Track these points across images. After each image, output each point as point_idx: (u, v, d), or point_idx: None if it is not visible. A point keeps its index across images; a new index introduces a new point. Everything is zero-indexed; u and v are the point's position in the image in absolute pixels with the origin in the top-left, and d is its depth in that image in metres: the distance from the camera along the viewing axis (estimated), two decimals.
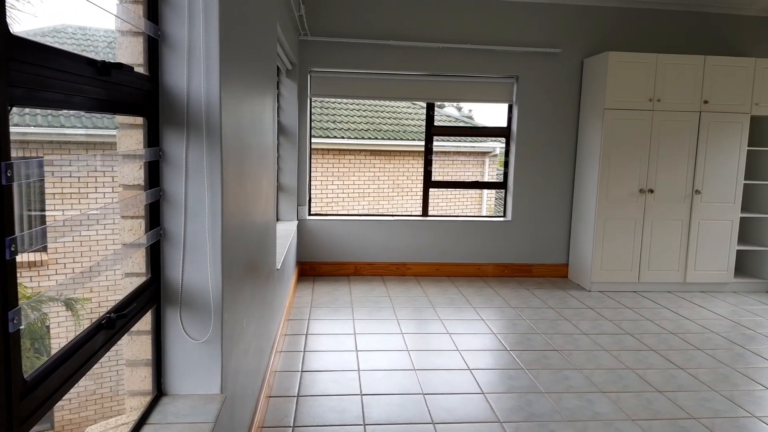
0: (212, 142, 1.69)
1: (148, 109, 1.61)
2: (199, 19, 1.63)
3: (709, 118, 5.05)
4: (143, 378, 1.75)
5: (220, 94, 1.69)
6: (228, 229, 1.84)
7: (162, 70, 1.64)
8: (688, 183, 5.11)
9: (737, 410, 2.96)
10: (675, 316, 4.54)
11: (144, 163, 1.63)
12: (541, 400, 3.01)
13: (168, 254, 1.72)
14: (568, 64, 5.41)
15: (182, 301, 1.74)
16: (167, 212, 1.70)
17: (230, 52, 1.84)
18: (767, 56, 5.53)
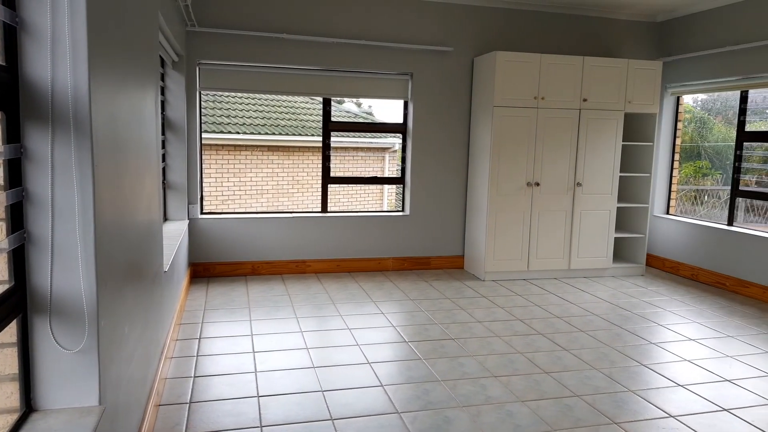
0: (81, 138, 1.57)
1: (5, 103, 1.46)
2: (63, 5, 1.50)
3: (588, 115, 5.41)
4: (9, 394, 1.60)
5: (90, 86, 1.57)
6: (103, 231, 1.72)
7: (21, 60, 1.50)
8: (570, 176, 5.45)
9: (615, 386, 3.20)
10: (561, 301, 4.83)
11: (3, 160, 1.48)
12: (438, 389, 3.09)
13: (34, 259, 1.58)
14: (459, 62, 5.59)
15: (52, 309, 1.60)
16: (32, 214, 1.56)
17: (101, 42, 1.72)
18: (638, 57, 6.01)
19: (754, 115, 5.56)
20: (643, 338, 3.97)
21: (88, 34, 1.55)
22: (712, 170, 6.41)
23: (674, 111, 6.09)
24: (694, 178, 6.72)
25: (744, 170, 5.44)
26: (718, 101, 6.32)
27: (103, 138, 1.75)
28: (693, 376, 3.35)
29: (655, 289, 5.26)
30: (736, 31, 5.18)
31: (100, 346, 1.67)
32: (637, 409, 2.93)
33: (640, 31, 6.04)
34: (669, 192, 6.19)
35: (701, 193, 6.73)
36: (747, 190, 5.40)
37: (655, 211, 6.16)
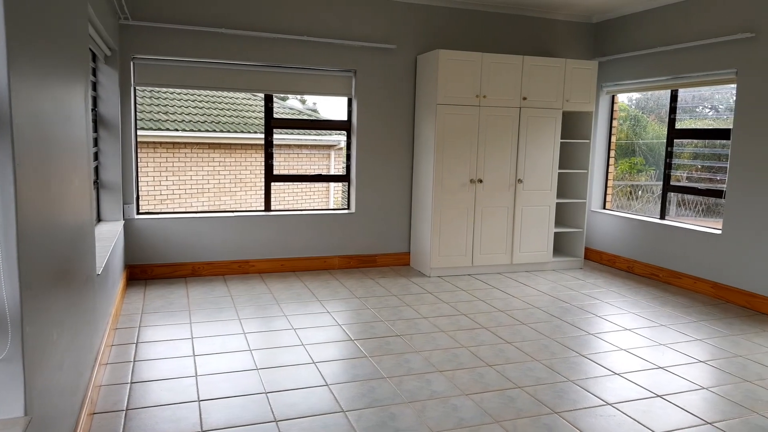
0: (1, 137, 1.48)
1: None
2: None
3: (528, 113, 5.53)
4: None
5: (9, 80, 1.47)
6: (26, 233, 1.62)
7: None
8: (512, 173, 5.56)
9: (556, 376, 3.28)
10: (504, 295, 4.92)
11: None
12: (384, 386, 3.09)
13: None
14: (403, 60, 5.61)
15: None
16: None
17: (21, 33, 1.62)
18: (576, 57, 6.19)
19: (684, 113, 5.82)
20: (582, 329, 4.09)
21: (5, 25, 1.45)
22: (646, 166, 6.66)
23: (609, 109, 6.31)
24: (629, 174, 6.97)
25: (675, 166, 5.69)
26: (651, 100, 6.58)
27: (26, 136, 1.65)
28: (629, 365, 3.48)
29: (593, 282, 5.44)
30: (666, 33, 5.41)
31: (25, 354, 1.58)
32: (577, 398, 3.01)
33: (577, 31, 6.22)
34: (605, 188, 6.41)
35: (636, 189, 6.98)
36: (678, 185, 5.65)
37: (592, 206, 6.38)
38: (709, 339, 3.95)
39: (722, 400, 3.03)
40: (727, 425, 2.76)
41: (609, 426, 2.74)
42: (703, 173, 5.63)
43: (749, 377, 3.32)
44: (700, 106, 5.84)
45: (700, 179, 5.62)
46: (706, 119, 5.74)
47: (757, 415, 2.86)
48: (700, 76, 5.15)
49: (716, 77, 5.00)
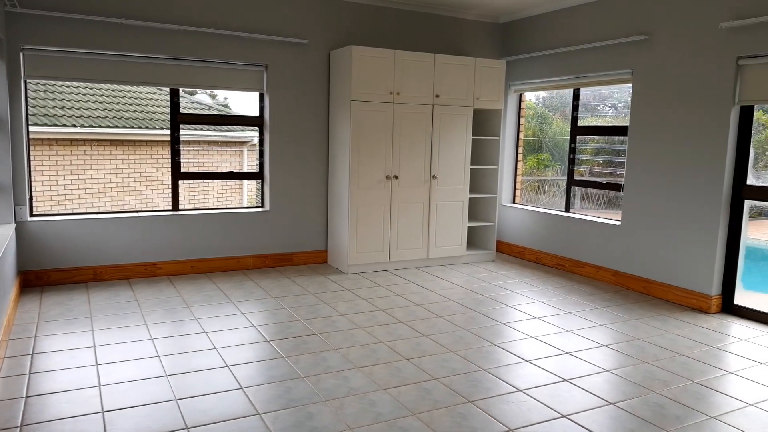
0: None
1: None
2: None
3: (440, 110, 5.63)
4: None
5: None
6: None
7: None
8: (426, 169, 5.64)
9: (470, 366, 3.35)
10: (420, 289, 4.98)
11: None
12: (300, 385, 3.04)
13: None
14: (316, 55, 5.54)
15: None
16: None
17: None
18: (485, 56, 6.37)
19: (586, 111, 6.13)
20: (495, 319, 4.22)
21: None
22: (552, 162, 6.95)
23: (517, 107, 6.55)
24: (537, 169, 7.26)
25: (578, 162, 5.98)
26: (556, 98, 6.88)
27: None
28: (538, 352, 3.61)
29: (504, 273, 5.63)
30: (569, 34, 5.67)
31: None
32: (490, 386, 3.09)
33: (485, 31, 6.40)
34: (515, 183, 6.65)
35: (543, 183, 7.28)
36: (581, 179, 5.95)
37: (503, 201, 6.60)
38: (610, 324, 4.18)
39: (623, 381, 3.21)
40: (627, 404, 2.93)
41: (520, 411, 2.83)
42: (604, 168, 5.96)
43: (647, 358, 3.55)
44: (601, 105, 6.18)
45: (601, 174, 5.95)
46: (606, 117, 6.08)
47: (655, 394, 3.05)
48: (599, 75, 5.44)
49: (614, 77, 5.30)
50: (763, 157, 4.99)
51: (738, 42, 4.24)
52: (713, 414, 2.84)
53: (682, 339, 3.90)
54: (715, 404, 2.95)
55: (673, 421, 2.76)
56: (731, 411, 2.88)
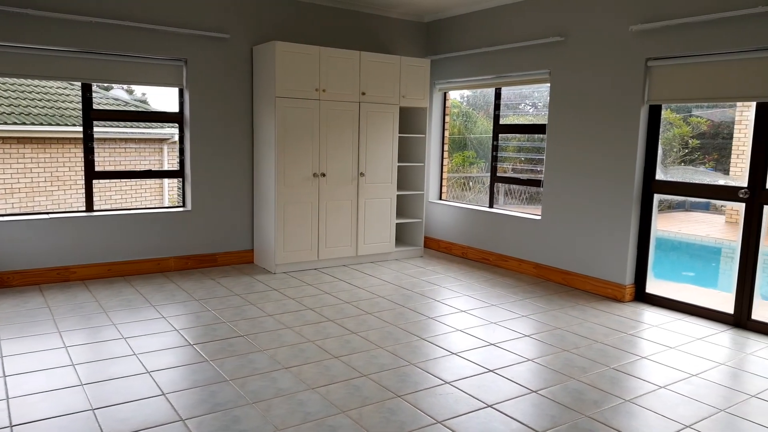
0: None
1: None
2: None
3: (367, 108, 5.63)
4: None
5: None
6: None
7: None
8: (354, 166, 5.63)
9: (399, 361, 3.38)
10: (349, 286, 4.97)
11: None
12: (226, 389, 2.95)
13: None
14: (238, 50, 5.41)
15: None
16: None
17: None
18: (410, 55, 6.43)
19: (508, 109, 6.32)
20: (423, 314, 4.27)
21: None
22: (477, 159, 7.11)
23: (442, 106, 6.66)
24: (463, 166, 7.41)
25: (501, 159, 6.16)
26: (480, 97, 7.04)
27: None
28: (464, 344, 3.69)
29: (432, 269, 5.71)
30: (490, 34, 5.82)
31: None
32: (418, 380, 3.13)
33: (409, 29, 6.46)
34: (441, 180, 6.76)
35: (469, 180, 7.44)
36: (504, 176, 6.13)
37: (430, 198, 6.69)
38: (533, 315, 4.33)
39: (545, 369, 3.33)
40: (549, 392, 3.04)
41: (447, 403, 2.87)
42: (526, 165, 6.17)
43: (567, 347, 3.69)
44: (522, 104, 6.38)
45: (523, 170, 6.15)
46: (527, 115, 6.29)
47: (574, 380, 3.18)
48: (519, 75, 5.61)
49: (533, 77, 5.48)
50: (671, 154, 5.32)
51: (646, 44, 4.49)
52: (628, 397, 3.00)
53: (598, 327, 4.09)
54: (629, 388, 3.11)
55: (591, 406, 2.88)
56: (644, 394, 3.04)
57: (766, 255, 4.19)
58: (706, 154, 5.24)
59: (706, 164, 5.23)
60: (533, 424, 2.69)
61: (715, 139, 5.25)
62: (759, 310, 4.11)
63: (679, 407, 2.89)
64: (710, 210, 6.21)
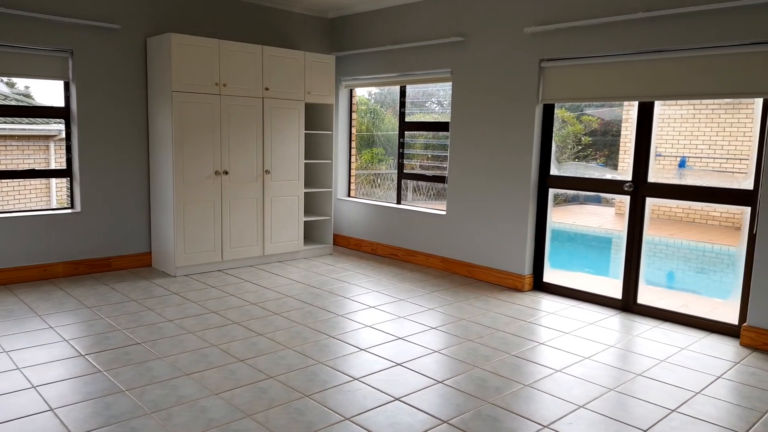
0: None
1: None
2: None
3: (271, 104, 5.51)
4: None
5: None
6: None
7: None
8: (258, 164, 5.50)
9: (307, 361, 3.33)
10: (256, 287, 4.85)
11: None
12: (122, 400, 2.78)
13: None
14: (130, 42, 5.11)
15: None
16: None
17: None
18: (315, 51, 6.36)
19: (415, 107, 6.42)
20: (332, 312, 4.24)
21: None
22: (385, 156, 7.17)
23: (349, 102, 6.65)
24: (371, 163, 7.45)
25: (408, 156, 6.24)
26: (388, 95, 7.10)
27: None
28: (373, 340, 3.70)
29: (341, 266, 5.69)
30: (395, 33, 5.87)
31: None
32: (327, 378, 3.10)
33: (314, 25, 6.40)
34: (349, 177, 6.76)
35: (378, 177, 7.49)
36: (410, 172, 6.22)
37: (338, 195, 6.67)
38: (439, 307, 4.42)
39: (451, 359, 3.41)
40: (454, 381, 3.11)
41: (355, 399, 2.86)
42: (433, 162, 6.30)
43: (471, 337, 3.80)
44: (428, 102, 6.51)
45: (430, 167, 6.28)
46: (433, 113, 6.42)
47: (478, 369, 3.28)
48: (423, 74, 5.71)
49: (436, 76, 5.60)
50: (567, 150, 5.62)
51: (540, 46, 4.70)
52: (527, 382, 3.13)
53: (500, 316, 4.24)
54: (528, 373, 3.25)
55: (493, 393, 2.98)
56: (542, 378, 3.19)
57: (649, 243, 4.53)
58: (597, 150, 5.59)
59: (597, 160, 5.58)
60: (439, 413, 2.74)
61: (605, 137, 5.61)
62: (644, 294, 4.43)
63: (573, 389, 3.05)
64: (602, 203, 6.64)
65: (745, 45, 3.69)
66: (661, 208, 6.91)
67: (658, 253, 6.06)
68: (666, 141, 6.50)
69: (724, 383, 3.18)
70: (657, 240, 6.33)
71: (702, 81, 3.92)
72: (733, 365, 3.43)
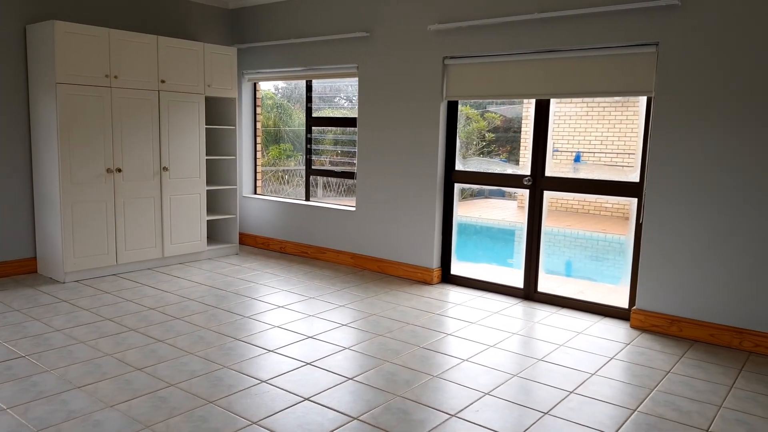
0: None
1: None
2: None
3: (168, 97, 5.24)
4: None
5: None
6: None
7: None
8: (155, 160, 5.21)
9: (211, 366, 3.19)
10: (155, 291, 4.60)
11: None
12: (3, 419, 2.53)
13: None
14: (6, 29, 4.68)
15: None
16: None
17: None
18: (215, 42, 6.12)
19: (323, 102, 6.34)
20: (238, 314, 4.10)
21: None
22: (294, 152, 7.05)
23: (253, 96, 6.46)
24: (280, 159, 7.30)
25: (318, 152, 6.16)
26: (295, 90, 6.97)
27: None
28: (282, 340, 3.61)
29: (248, 266, 5.52)
30: (299, 26, 5.76)
31: None
32: (233, 382, 2.98)
33: (214, 16, 6.15)
34: (255, 173, 6.58)
35: (286, 173, 7.35)
36: (318, 168, 6.15)
37: (244, 192, 6.47)
38: (350, 304, 4.39)
39: (361, 355, 3.39)
40: (364, 377, 3.09)
41: (263, 402, 2.77)
42: (343, 157, 6.25)
43: (381, 332, 3.80)
44: (337, 97, 6.45)
45: (340, 163, 6.23)
46: (343, 109, 6.37)
47: (388, 363, 3.28)
48: (329, 68, 5.65)
49: (342, 71, 5.56)
50: (472, 146, 5.77)
51: (443, 43, 4.78)
52: (436, 373, 3.17)
53: (410, 310, 4.28)
54: (437, 364, 3.29)
55: (403, 386, 2.99)
56: (450, 368, 3.24)
57: (548, 234, 4.75)
58: (500, 146, 5.78)
59: (500, 155, 5.77)
60: (349, 410, 2.71)
61: (508, 133, 5.82)
62: (544, 282, 4.63)
63: (479, 377, 3.13)
64: (505, 197, 6.89)
65: (629, 46, 3.93)
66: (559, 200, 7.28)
67: (557, 243, 6.38)
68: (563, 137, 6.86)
69: (616, 363, 3.38)
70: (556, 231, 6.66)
71: (592, 80, 4.14)
72: (624, 346, 3.66)
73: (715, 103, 3.62)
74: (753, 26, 3.46)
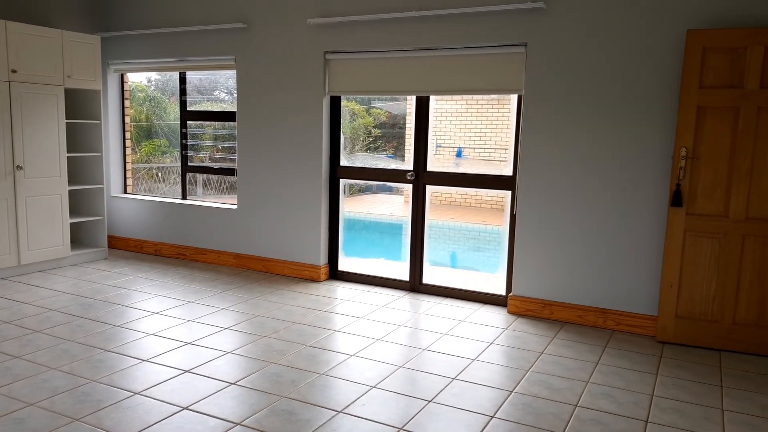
0: None
1: None
2: None
3: (20, 88, 4.73)
4: None
5: None
6: None
7: None
8: (7, 159, 4.69)
9: (77, 380, 2.92)
10: (10, 303, 4.14)
11: None
12: None
13: None
14: None
15: None
16: None
17: None
18: (75, 29, 5.62)
19: (201, 95, 6.03)
20: (108, 323, 3.79)
21: None
22: (170, 148, 6.67)
23: (120, 89, 6.01)
24: (154, 156, 6.87)
25: (195, 147, 5.86)
26: (170, 82, 6.58)
27: None
28: (157, 348, 3.38)
29: (119, 271, 5.14)
30: (172, 14, 5.43)
31: None
32: (102, 397, 2.74)
33: (75, 2, 5.65)
34: (125, 171, 6.13)
35: (161, 171, 6.95)
36: (197, 165, 5.85)
37: (112, 192, 6.00)
38: (232, 306, 4.22)
39: (244, 359, 3.26)
40: (248, 381, 2.97)
41: (136, 415, 2.58)
42: (224, 153, 6.00)
43: (266, 333, 3.69)
44: (217, 90, 6.17)
45: (221, 159, 5.97)
46: (223, 102, 6.10)
47: (273, 365, 3.18)
48: (204, 60, 5.39)
49: (219, 62, 5.32)
50: (359, 142, 5.77)
51: (324, 38, 4.73)
52: (322, 371, 3.12)
53: (296, 309, 4.19)
54: (324, 362, 3.25)
55: (288, 387, 2.92)
56: (337, 364, 3.21)
57: (432, 227, 4.86)
58: (387, 142, 5.84)
59: (387, 151, 5.83)
60: (232, 416, 2.59)
61: (393, 129, 5.88)
62: (429, 274, 4.74)
63: (366, 371, 3.12)
64: (393, 192, 6.98)
65: (502, 46, 4.11)
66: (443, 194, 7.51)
67: (441, 236, 6.57)
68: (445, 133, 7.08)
69: (495, 348, 3.53)
70: (440, 224, 6.87)
71: (468, 78, 4.28)
72: (502, 331, 3.83)
73: (576, 103, 3.89)
74: (613, 30, 3.75)
